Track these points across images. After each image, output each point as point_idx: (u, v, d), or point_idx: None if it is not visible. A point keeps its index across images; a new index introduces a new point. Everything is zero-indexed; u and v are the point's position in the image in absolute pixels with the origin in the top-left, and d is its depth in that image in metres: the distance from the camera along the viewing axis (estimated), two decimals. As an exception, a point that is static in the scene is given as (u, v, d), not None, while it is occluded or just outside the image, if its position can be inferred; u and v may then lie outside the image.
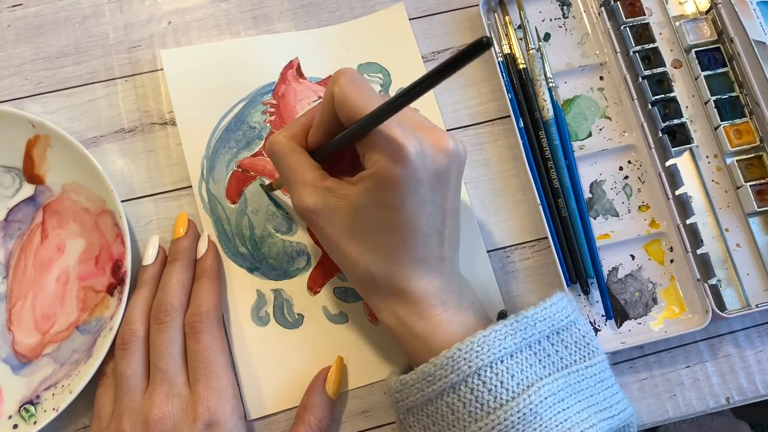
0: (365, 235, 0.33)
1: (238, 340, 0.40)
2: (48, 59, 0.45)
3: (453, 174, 0.33)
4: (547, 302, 0.35)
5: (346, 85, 0.32)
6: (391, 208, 0.32)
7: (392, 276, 0.34)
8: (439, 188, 0.33)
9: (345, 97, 0.31)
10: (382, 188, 0.31)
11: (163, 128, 0.44)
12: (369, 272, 0.34)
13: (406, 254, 0.33)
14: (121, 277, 0.39)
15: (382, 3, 0.47)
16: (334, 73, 0.33)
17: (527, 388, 0.32)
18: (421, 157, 0.31)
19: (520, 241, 0.43)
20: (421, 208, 0.32)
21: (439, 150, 0.32)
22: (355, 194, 0.32)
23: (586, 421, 0.32)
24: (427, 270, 0.34)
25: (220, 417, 0.36)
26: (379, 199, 0.32)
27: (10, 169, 0.42)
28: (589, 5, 0.48)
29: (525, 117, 0.44)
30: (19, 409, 0.38)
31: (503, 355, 0.32)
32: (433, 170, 0.32)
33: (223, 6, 0.47)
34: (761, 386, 0.42)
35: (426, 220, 0.33)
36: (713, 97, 0.45)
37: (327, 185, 0.34)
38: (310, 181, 0.34)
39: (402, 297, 0.34)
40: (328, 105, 0.33)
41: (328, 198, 0.33)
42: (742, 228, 0.44)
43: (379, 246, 0.33)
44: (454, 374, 0.32)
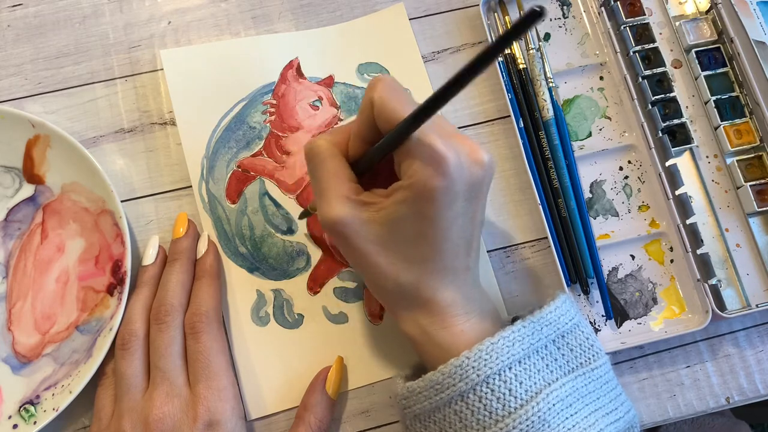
0: (396, 245, 0.33)
1: (238, 340, 0.40)
2: (48, 59, 0.45)
3: (485, 186, 0.33)
4: (552, 306, 0.35)
5: (385, 92, 0.31)
6: (427, 220, 0.31)
7: (420, 285, 0.33)
8: (473, 200, 0.32)
9: (384, 104, 0.31)
10: (420, 200, 0.31)
11: (163, 128, 0.44)
12: (397, 283, 0.33)
13: (436, 264, 0.33)
14: (121, 277, 0.39)
15: (382, 3, 0.47)
16: (371, 81, 0.32)
17: (536, 395, 0.32)
18: (459, 169, 0.31)
19: (520, 241, 0.43)
20: (455, 219, 0.32)
21: (475, 162, 0.32)
22: (390, 205, 0.32)
23: (594, 427, 0.32)
24: (453, 279, 0.34)
25: (220, 417, 0.36)
26: (415, 210, 0.31)
27: (10, 169, 0.42)
28: (589, 5, 0.48)
29: (525, 117, 0.44)
30: (19, 409, 0.38)
31: (512, 362, 0.32)
32: (469, 182, 0.32)
33: (223, 6, 0.47)
34: (761, 386, 0.42)
35: (458, 231, 0.32)
36: (713, 97, 0.45)
37: (362, 199, 0.33)
38: (345, 192, 0.33)
39: (427, 307, 0.34)
40: (367, 113, 0.32)
41: (361, 211, 0.33)
42: (742, 228, 0.44)
43: (410, 256, 0.33)
44: (463, 383, 0.32)
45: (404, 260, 0.33)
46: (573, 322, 0.35)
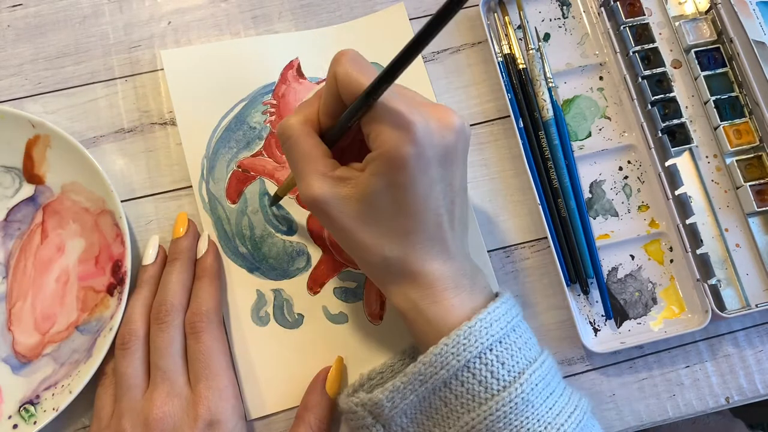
0: (377, 219, 0.32)
1: (238, 340, 0.40)
2: (48, 59, 0.45)
3: (460, 150, 0.33)
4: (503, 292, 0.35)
5: (348, 64, 0.31)
6: (402, 189, 0.31)
7: (407, 258, 0.33)
8: (448, 165, 0.32)
9: (347, 77, 0.31)
10: (392, 168, 0.31)
11: (163, 128, 0.44)
12: (383, 257, 0.33)
13: (419, 235, 0.33)
14: (121, 277, 0.39)
15: (382, 3, 0.47)
16: (335, 55, 0.32)
17: (519, 375, 0.32)
18: (428, 134, 0.31)
19: (520, 241, 0.43)
20: (431, 186, 0.32)
21: (445, 126, 0.32)
22: (365, 179, 0.32)
23: (570, 404, 0.33)
24: (440, 251, 0.33)
25: (221, 417, 0.36)
26: (389, 180, 0.31)
27: (10, 169, 0.42)
28: (588, 5, 0.48)
29: (525, 117, 0.44)
30: (19, 409, 0.38)
31: (492, 343, 0.32)
32: (441, 147, 0.31)
33: (223, 6, 0.47)
34: (761, 386, 0.42)
35: (437, 198, 0.32)
36: (713, 97, 0.45)
37: (338, 174, 0.33)
38: (321, 169, 0.33)
39: (416, 279, 0.33)
40: (332, 87, 0.32)
41: (339, 187, 0.33)
42: (741, 228, 0.44)
43: (392, 229, 0.33)
44: (444, 370, 0.32)
45: (387, 234, 0.33)
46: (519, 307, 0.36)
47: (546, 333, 0.42)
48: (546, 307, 0.42)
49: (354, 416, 0.35)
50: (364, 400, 0.34)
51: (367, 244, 0.33)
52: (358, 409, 0.34)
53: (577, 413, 0.33)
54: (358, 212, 0.33)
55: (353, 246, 0.34)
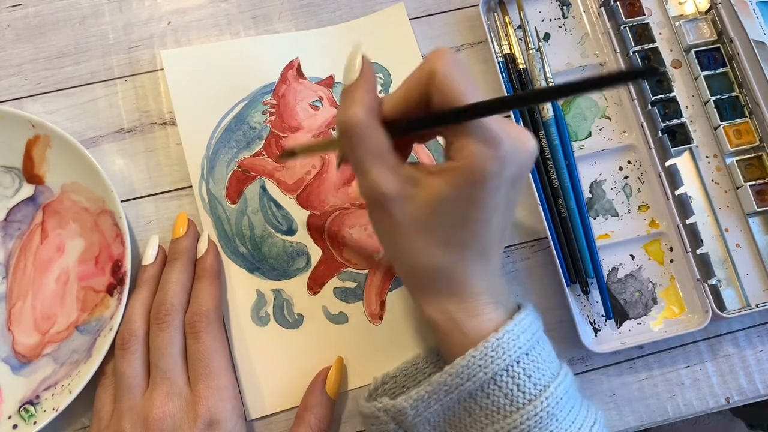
0: (437, 227, 0.31)
1: (238, 340, 0.40)
2: (48, 59, 0.45)
3: (528, 172, 0.33)
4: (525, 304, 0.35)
5: (452, 65, 0.30)
6: (474, 204, 0.30)
7: (455, 269, 0.32)
8: (517, 186, 0.32)
9: (449, 79, 0.29)
10: (470, 182, 0.30)
11: (163, 128, 0.44)
12: (431, 266, 0.32)
13: (473, 251, 0.32)
14: (120, 277, 0.39)
15: (382, 3, 0.47)
16: (434, 51, 0.30)
17: (545, 389, 0.32)
18: (512, 153, 0.30)
19: (520, 241, 0.43)
20: (498, 206, 0.31)
21: (524, 148, 0.31)
22: (437, 185, 0.30)
23: (589, 417, 0.33)
24: (485, 267, 0.33)
25: (221, 416, 0.36)
26: (464, 193, 0.30)
27: (9, 169, 0.42)
28: (588, 5, 0.48)
29: (525, 117, 0.44)
30: (19, 409, 0.38)
31: (519, 356, 0.32)
32: (517, 168, 0.31)
33: (223, 6, 0.47)
34: (761, 386, 0.42)
35: (498, 218, 0.32)
36: (713, 97, 0.45)
37: (404, 173, 0.31)
38: (392, 165, 0.31)
39: (458, 293, 0.33)
40: (422, 80, 0.30)
41: (407, 187, 0.31)
42: (741, 228, 0.44)
43: (449, 240, 0.32)
44: (470, 382, 0.31)
45: (443, 243, 0.32)
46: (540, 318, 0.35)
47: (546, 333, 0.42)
48: (546, 307, 0.42)
49: (376, 421, 0.34)
50: (387, 406, 0.34)
51: (418, 250, 0.32)
52: (380, 414, 0.34)
53: (597, 426, 0.32)
54: (419, 216, 0.31)
55: (403, 250, 0.33)
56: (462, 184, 0.30)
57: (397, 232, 0.32)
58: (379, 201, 0.31)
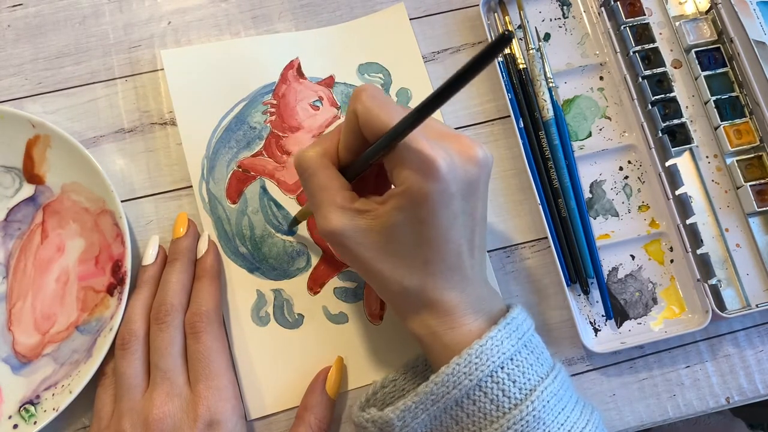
0: (396, 251, 0.32)
1: (238, 340, 0.40)
2: (48, 59, 0.45)
3: (482, 182, 0.33)
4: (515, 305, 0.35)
5: (368, 102, 0.31)
6: (424, 223, 0.31)
7: (426, 287, 0.33)
8: (470, 198, 0.32)
9: (369, 114, 0.31)
10: (414, 205, 0.31)
11: (163, 128, 0.44)
12: (402, 287, 0.33)
13: (439, 265, 0.32)
14: (121, 277, 0.39)
15: (382, 3, 0.47)
16: (354, 91, 0.32)
17: (530, 392, 0.32)
18: (451, 170, 0.30)
19: (520, 241, 0.43)
20: (453, 219, 0.32)
21: (468, 160, 0.31)
22: (386, 212, 0.32)
23: (582, 419, 0.33)
24: (459, 279, 0.33)
25: (221, 416, 0.36)
26: (411, 216, 0.31)
27: (10, 169, 0.42)
28: (589, 5, 0.48)
29: (525, 117, 0.44)
30: (19, 409, 0.38)
31: (503, 361, 0.32)
32: (464, 181, 0.31)
33: (223, 6, 0.47)
34: (761, 386, 0.42)
35: (458, 230, 0.32)
36: (713, 97, 0.45)
37: (356, 207, 0.33)
38: (339, 202, 0.33)
39: (434, 308, 0.33)
40: (352, 123, 0.32)
41: (357, 219, 0.32)
42: (742, 228, 0.44)
43: (412, 260, 0.32)
44: (456, 390, 0.32)
45: (406, 265, 0.33)
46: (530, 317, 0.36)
47: (546, 333, 0.42)
48: (546, 307, 0.42)
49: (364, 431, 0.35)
50: (374, 417, 0.34)
51: (385, 275, 0.33)
52: (368, 426, 0.34)
53: (588, 428, 0.32)
54: (376, 243, 0.32)
55: (371, 276, 0.34)
56: (407, 207, 0.31)
57: (360, 262, 0.33)
58: (332, 237, 0.33)
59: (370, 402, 0.37)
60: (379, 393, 0.37)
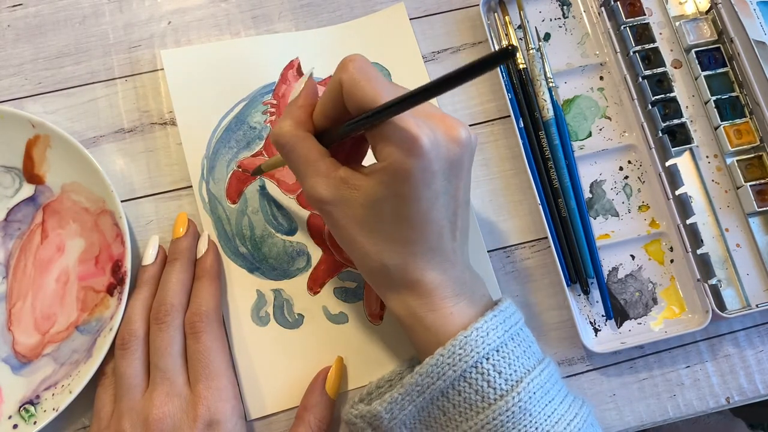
0: (379, 226, 0.32)
1: (238, 340, 0.40)
2: (48, 59, 0.45)
3: (466, 163, 0.33)
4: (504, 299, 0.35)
5: (356, 73, 0.31)
6: (406, 200, 0.31)
7: (407, 267, 0.33)
8: (453, 178, 0.32)
9: (355, 86, 0.30)
10: (397, 181, 0.31)
11: (163, 128, 0.44)
12: (382, 264, 0.33)
13: (420, 245, 0.33)
14: (121, 277, 0.39)
15: (382, 3, 0.47)
16: (342, 60, 0.32)
17: (516, 384, 0.32)
18: (435, 147, 0.30)
19: (520, 241, 0.43)
20: (435, 198, 0.32)
21: (452, 139, 0.31)
22: (369, 186, 0.32)
23: (569, 412, 0.33)
24: (441, 261, 0.33)
25: (221, 417, 0.36)
26: (393, 191, 0.31)
27: (10, 169, 0.42)
28: (589, 5, 0.48)
29: (525, 117, 0.44)
30: (19, 409, 0.38)
31: (488, 352, 0.32)
32: (447, 160, 0.31)
33: (223, 6, 0.47)
34: (761, 386, 0.42)
35: (440, 210, 0.32)
36: (713, 97, 0.45)
37: (340, 175, 0.33)
38: (323, 171, 0.33)
39: (415, 288, 0.33)
40: (335, 92, 0.32)
41: (342, 189, 0.32)
42: (742, 228, 0.44)
43: (393, 237, 0.33)
44: (441, 380, 0.32)
45: (388, 241, 0.33)
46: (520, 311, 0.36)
47: (546, 333, 0.42)
48: (546, 307, 0.42)
49: (354, 428, 0.35)
50: (363, 412, 0.34)
51: (367, 250, 0.33)
52: (357, 421, 0.35)
53: (576, 421, 0.32)
54: (359, 217, 0.32)
55: (353, 249, 0.34)
56: (390, 182, 0.31)
57: (344, 233, 0.34)
58: (320, 205, 0.33)
59: (365, 402, 0.37)
60: (374, 393, 0.37)
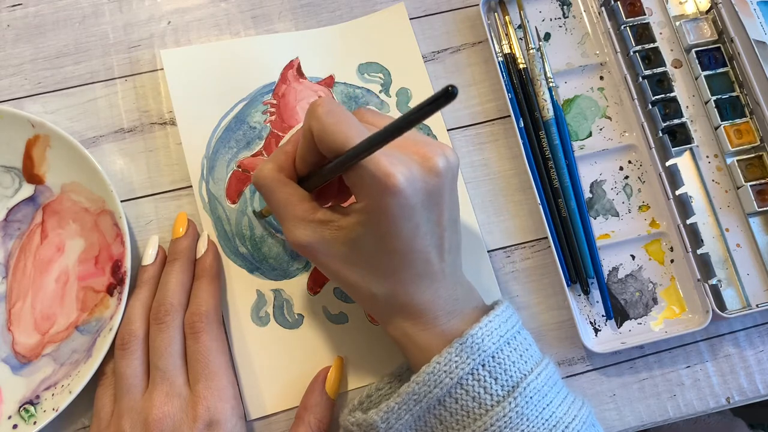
0: (363, 261, 0.33)
1: (238, 340, 0.40)
2: (48, 59, 0.45)
3: (446, 190, 0.32)
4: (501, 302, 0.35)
5: (324, 118, 0.31)
6: (387, 236, 0.31)
7: (395, 294, 0.33)
8: (433, 206, 0.32)
9: (324, 132, 0.31)
10: (375, 219, 0.31)
11: (163, 128, 0.44)
12: (372, 293, 0.34)
13: (406, 273, 0.33)
14: (120, 277, 0.39)
15: (382, 3, 0.47)
16: (310, 105, 0.32)
17: (513, 389, 0.32)
18: (410, 183, 0.30)
19: (520, 241, 0.43)
20: (416, 229, 0.32)
21: (428, 170, 0.31)
22: (349, 225, 0.32)
23: (568, 414, 0.33)
24: (430, 283, 0.33)
25: (220, 417, 0.36)
26: (373, 229, 0.31)
27: (9, 169, 0.42)
28: (589, 5, 0.48)
29: (525, 117, 0.44)
30: (19, 410, 0.38)
31: (484, 359, 0.32)
32: (425, 192, 0.31)
33: (223, 6, 0.47)
34: (761, 386, 0.42)
35: (423, 239, 0.32)
36: (713, 97, 0.45)
37: (319, 218, 0.33)
38: (301, 215, 0.33)
39: (405, 311, 0.34)
40: (308, 139, 0.32)
41: (322, 230, 0.33)
42: (742, 228, 0.44)
43: (378, 269, 0.33)
44: (438, 388, 0.32)
45: (374, 273, 0.33)
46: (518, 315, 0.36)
47: (546, 333, 0.42)
48: (546, 307, 0.42)
49: None
50: (359, 420, 0.34)
51: (354, 283, 0.34)
52: (354, 429, 0.35)
53: (575, 423, 0.32)
54: (342, 254, 0.33)
55: (343, 284, 0.35)
56: (368, 221, 0.31)
57: (329, 270, 0.34)
58: (300, 248, 0.34)
59: (364, 405, 0.37)
60: (374, 396, 0.37)
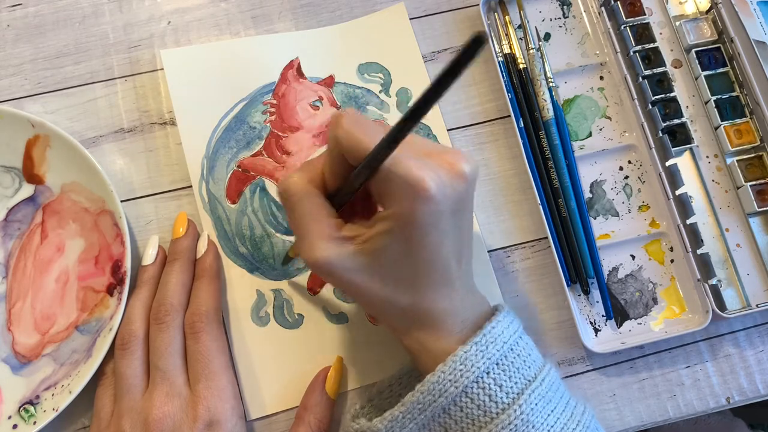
0: (385, 270, 0.32)
1: (238, 340, 0.40)
2: (48, 59, 0.45)
3: (470, 197, 0.32)
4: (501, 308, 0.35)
5: (349, 126, 0.30)
6: (414, 244, 0.31)
7: (415, 303, 0.33)
8: (459, 213, 0.31)
9: (349, 139, 0.30)
10: (404, 227, 0.30)
11: (163, 128, 0.44)
12: (391, 305, 0.33)
13: (427, 280, 0.32)
14: (120, 277, 0.39)
15: (382, 3, 0.47)
16: (332, 116, 0.31)
17: (518, 397, 0.32)
18: (441, 188, 0.29)
19: (520, 241, 0.43)
20: (444, 237, 0.31)
21: (456, 176, 0.30)
22: (374, 235, 0.31)
23: (572, 420, 0.33)
24: (448, 292, 0.33)
25: (221, 417, 0.36)
26: (400, 237, 0.30)
27: (9, 169, 0.42)
28: (589, 5, 0.48)
29: (525, 117, 0.44)
30: (19, 410, 0.38)
31: (489, 366, 0.32)
32: (453, 198, 0.30)
33: (223, 6, 0.47)
34: (761, 386, 0.42)
35: (447, 247, 0.32)
36: (713, 97, 0.45)
37: (344, 234, 0.32)
38: (327, 231, 0.32)
39: (425, 322, 0.33)
40: (334, 150, 0.31)
41: (345, 246, 0.32)
42: (742, 228, 0.44)
43: (401, 279, 0.32)
44: (443, 398, 0.32)
45: (396, 284, 0.32)
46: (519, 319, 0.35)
47: (546, 333, 0.42)
48: (546, 307, 0.42)
49: None
50: (363, 428, 0.34)
51: (375, 294, 0.32)
52: None
53: (579, 429, 0.32)
54: (364, 265, 0.32)
55: (363, 298, 0.33)
56: (396, 230, 0.30)
57: (350, 288, 0.33)
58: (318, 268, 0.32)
59: (366, 409, 0.37)
60: (376, 400, 0.37)
